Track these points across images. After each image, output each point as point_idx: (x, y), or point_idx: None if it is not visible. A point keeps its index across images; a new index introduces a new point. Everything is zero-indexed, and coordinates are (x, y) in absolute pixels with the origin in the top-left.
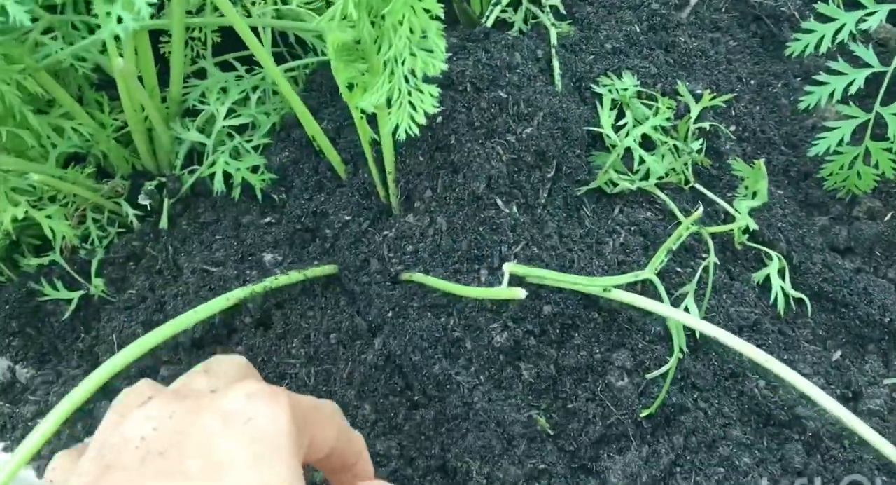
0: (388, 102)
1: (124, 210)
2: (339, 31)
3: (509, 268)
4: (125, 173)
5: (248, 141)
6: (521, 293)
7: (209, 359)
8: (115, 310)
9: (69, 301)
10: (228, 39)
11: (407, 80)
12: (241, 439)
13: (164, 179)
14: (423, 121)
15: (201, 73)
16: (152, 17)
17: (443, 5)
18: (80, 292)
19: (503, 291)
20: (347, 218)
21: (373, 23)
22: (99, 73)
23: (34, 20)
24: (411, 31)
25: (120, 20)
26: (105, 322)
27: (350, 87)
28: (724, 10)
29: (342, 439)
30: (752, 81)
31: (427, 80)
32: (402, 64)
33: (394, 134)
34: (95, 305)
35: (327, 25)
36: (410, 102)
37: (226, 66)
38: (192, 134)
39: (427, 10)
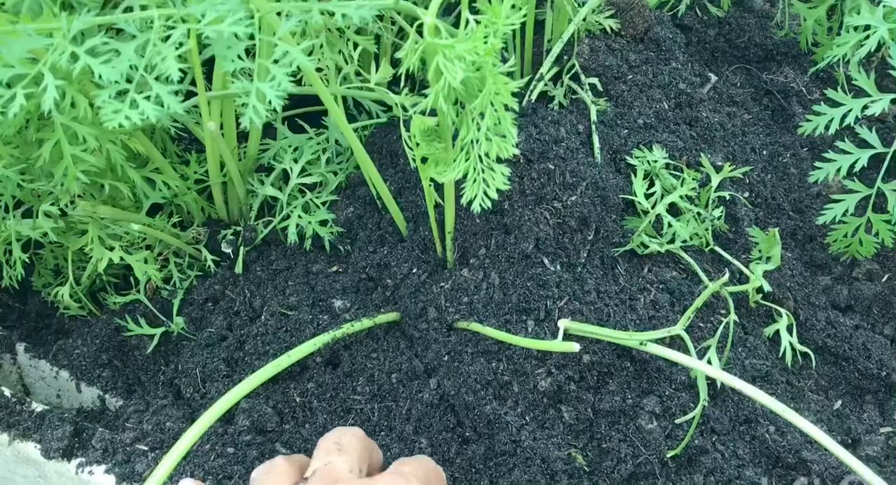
0: (464, 178)
1: (203, 255)
2: (426, 118)
3: (564, 324)
4: (200, 222)
5: (317, 197)
6: (575, 347)
7: (335, 432)
8: (197, 346)
9: (151, 337)
10: (292, 99)
11: (481, 160)
12: None
13: (239, 228)
14: (495, 196)
15: (266, 129)
16: None
17: None
18: (162, 329)
19: (559, 344)
20: (408, 270)
21: (454, 108)
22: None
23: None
24: (490, 119)
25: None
26: (188, 357)
27: (423, 160)
28: (739, 85)
29: None
30: (764, 152)
31: (499, 160)
32: (479, 147)
33: (468, 206)
34: (174, 341)
35: (415, 114)
36: (484, 179)
37: (291, 124)
38: (267, 188)
39: (504, 104)
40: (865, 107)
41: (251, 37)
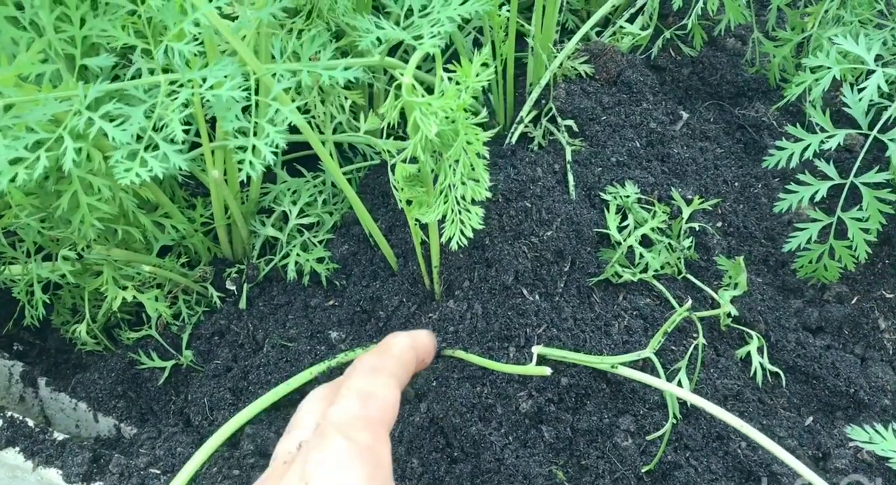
0: (443, 219)
1: (209, 292)
2: (408, 165)
3: (537, 350)
4: (206, 261)
5: (314, 236)
6: (546, 371)
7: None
8: (205, 377)
9: (162, 369)
10: (290, 145)
11: (458, 202)
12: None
13: (242, 267)
14: (471, 234)
15: (267, 174)
16: None
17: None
18: (172, 362)
19: (532, 369)
20: (399, 302)
21: (432, 156)
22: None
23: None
24: (464, 166)
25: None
26: (196, 387)
27: (408, 202)
28: (711, 120)
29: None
30: (737, 183)
31: (473, 201)
32: (455, 190)
33: (447, 243)
34: (184, 372)
35: (399, 163)
36: (461, 220)
37: (290, 168)
38: (268, 229)
39: (476, 152)
40: (823, 141)
41: (248, 98)
